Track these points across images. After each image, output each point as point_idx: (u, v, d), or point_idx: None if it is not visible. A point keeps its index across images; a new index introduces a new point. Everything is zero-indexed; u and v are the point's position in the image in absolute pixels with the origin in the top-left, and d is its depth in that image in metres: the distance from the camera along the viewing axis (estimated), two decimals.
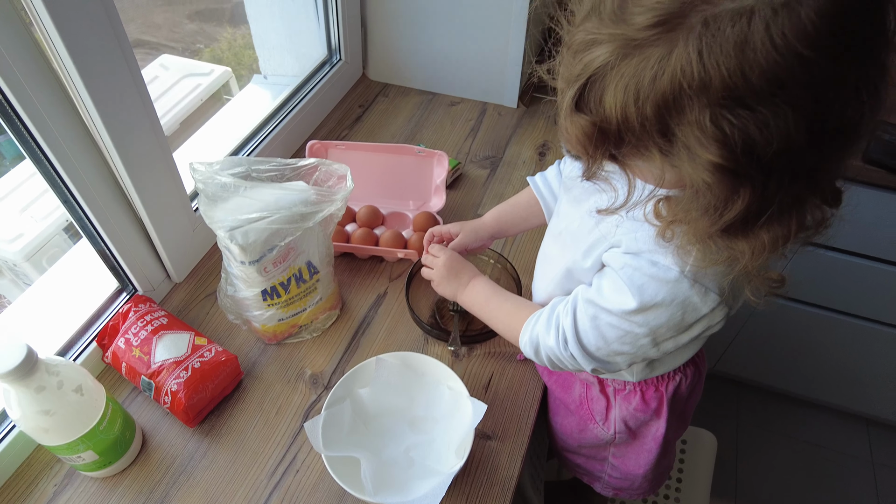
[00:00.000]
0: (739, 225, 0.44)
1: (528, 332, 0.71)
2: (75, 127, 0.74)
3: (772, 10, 0.36)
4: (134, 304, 0.88)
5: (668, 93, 0.40)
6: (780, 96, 0.38)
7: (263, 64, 1.40)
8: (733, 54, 0.37)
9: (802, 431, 1.78)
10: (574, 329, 0.64)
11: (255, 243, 0.76)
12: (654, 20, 0.39)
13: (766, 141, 0.39)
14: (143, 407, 0.85)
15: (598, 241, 0.62)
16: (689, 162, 0.42)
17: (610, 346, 0.62)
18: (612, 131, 0.44)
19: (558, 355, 0.67)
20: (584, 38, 0.43)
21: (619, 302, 0.58)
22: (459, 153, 1.26)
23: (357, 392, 0.80)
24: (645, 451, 0.85)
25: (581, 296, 0.64)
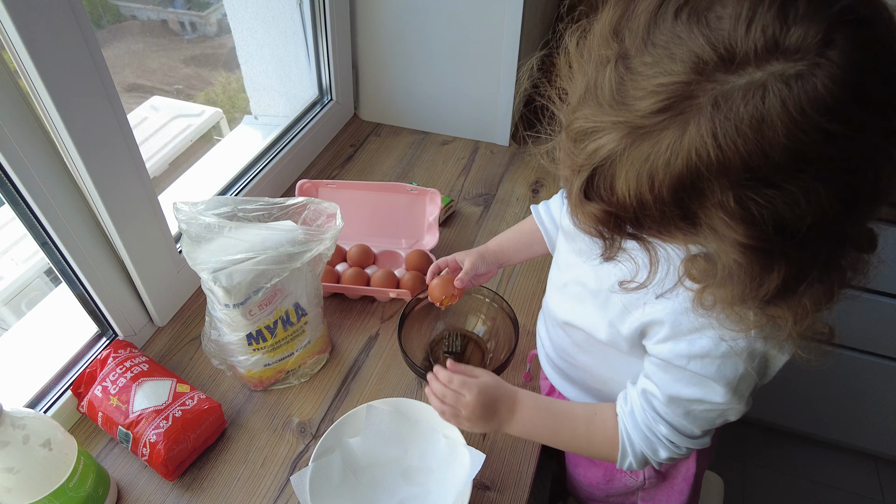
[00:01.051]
0: (778, 295, 0.41)
1: (630, 455, 0.63)
2: (56, 169, 0.72)
3: (785, 83, 0.34)
4: (113, 349, 0.84)
5: (686, 177, 0.37)
6: (807, 172, 0.35)
7: (254, 105, 1.40)
8: (751, 134, 0.35)
9: (810, 471, 1.72)
10: (674, 431, 0.60)
11: (239, 285, 0.73)
12: (660, 105, 0.37)
13: (798, 218, 0.36)
14: (119, 460, 0.80)
15: (630, 305, 0.58)
16: (716, 242, 0.39)
17: (715, 423, 0.59)
18: (628, 216, 0.41)
19: (673, 457, 0.62)
20: (584, 126, 0.41)
21: (704, 395, 0.55)
22: (452, 191, 1.24)
23: (347, 442, 0.76)
24: (676, 493, 0.81)
25: (655, 398, 0.60)
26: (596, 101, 0.40)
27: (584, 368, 0.73)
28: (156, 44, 1.81)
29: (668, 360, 0.56)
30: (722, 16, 0.36)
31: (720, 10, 0.36)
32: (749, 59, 0.35)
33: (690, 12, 0.37)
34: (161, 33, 1.81)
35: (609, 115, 0.39)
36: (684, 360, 0.54)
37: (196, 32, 1.81)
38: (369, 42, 1.33)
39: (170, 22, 1.81)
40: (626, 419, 0.64)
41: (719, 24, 0.36)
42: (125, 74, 1.61)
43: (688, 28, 0.37)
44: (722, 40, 0.35)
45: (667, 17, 0.38)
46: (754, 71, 0.34)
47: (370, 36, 1.32)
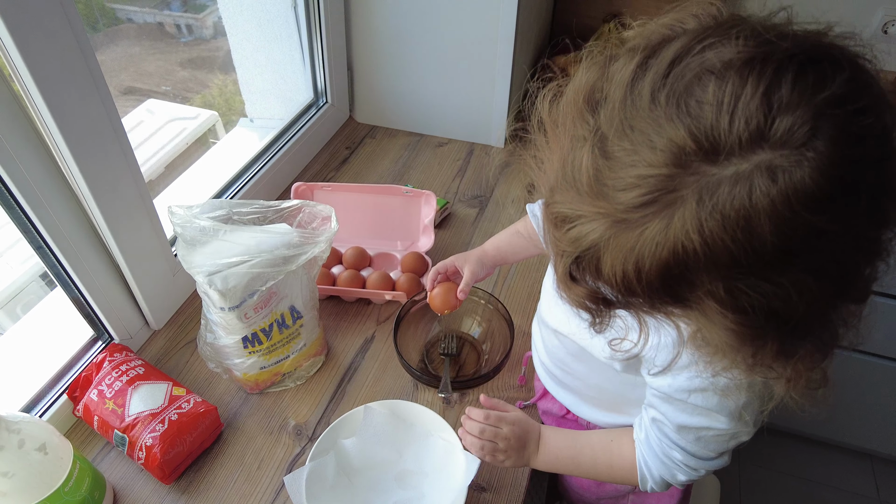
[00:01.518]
0: (772, 360, 0.40)
1: (650, 480, 0.64)
2: (50, 173, 0.72)
3: (771, 177, 0.32)
4: (109, 353, 0.84)
5: (674, 267, 0.36)
6: (796, 266, 0.34)
7: (249, 107, 1.40)
8: (738, 231, 0.33)
9: (806, 470, 1.73)
10: (690, 456, 0.60)
11: (234, 288, 0.73)
12: (642, 200, 0.35)
13: (789, 308, 0.35)
14: (115, 463, 0.80)
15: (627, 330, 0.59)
16: (707, 324, 0.38)
17: (729, 445, 0.59)
18: (616, 299, 0.40)
19: (693, 478, 0.62)
20: (564, 211, 0.39)
21: (710, 423, 0.55)
22: (447, 193, 1.25)
23: (342, 444, 0.76)
24: (666, 497, 0.81)
25: (665, 426, 0.60)
26: (574, 188, 0.39)
27: (579, 377, 0.73)
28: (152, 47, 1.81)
29: (668, 394, 0.55)
30: (703, 101, 0.34)
31: (700, 95, 0.34)
32: (734, 150, 0.33)
33: (669, 95, 0.35)
34: (157, 36, 1.81)
35: (589, 204, 0.38)
36: (685, 394, 0.53)
37: (192, 35, 1.81)
38: (364, 44, 1.33)
39: (166, 25, 1.81)
40: (643, 446, 0.65)
41: (700, 111, 0.34)
42: (122, 78, 1.60)
43: (667, 114, 0.35)
44: (704, 130, 0.33)
45: (643, 97, 0.36)
46: (739, 162, 0.33)
47: (365, 38, 1.32)
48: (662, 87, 0.35)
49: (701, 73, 0.34)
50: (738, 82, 0.33)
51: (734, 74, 0.33)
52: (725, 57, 0.34)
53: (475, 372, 0.91)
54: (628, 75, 0.37)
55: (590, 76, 0.41)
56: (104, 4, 1.49)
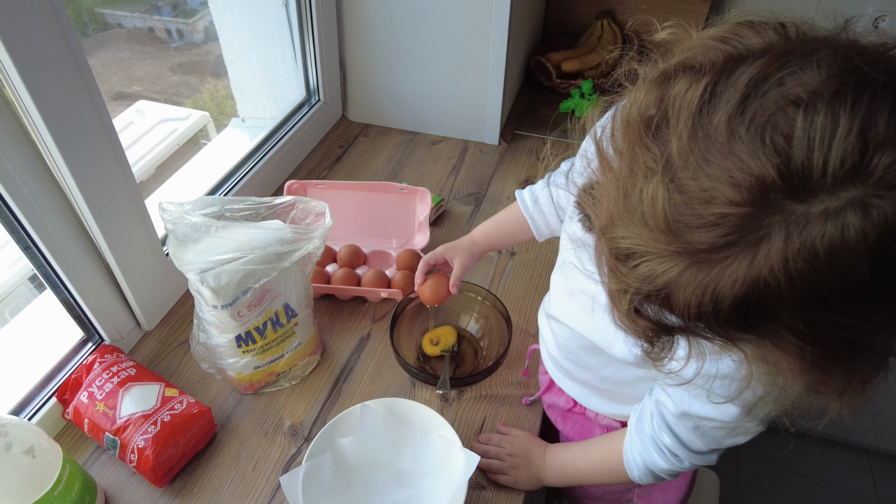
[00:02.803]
0: (832, 384, 0.39)
1: (636, 467, 0.64)
2: (39, 173, 0.71)
3: (863, 214, 0.30)
4: (100, 354, 0.82)
5: (753, 302, 0.34)
6: (886, 300, 0.33)
7: (241, 107, 1.39)
8: (826, 268, 0.31)
9: (805, 466, 1.73)
10: (678, 444, 0.59)
11: (227, 286, 0.72)
12: (724, 241, 0.33)
13: (871, 340, 0.35)
14: (106, 467, 0.78)
15: None
16: (777, 352, 0.37)
17: (723, 443, 0.58)
18: (681, 327, 0.38)
19: (676, 470, 0.62)
20: (632, 247, 0.37)
21: (720, 413, 0.54)
22: (442, 190, 1.24)
23: (339, 443, 0.75)
24: (674, 488, 0.81)
25: (667, 409, 0.59)
26: (643, 222, 0.36)
27: (590, 369, 0.72)
28: (142, 51, 1.79)
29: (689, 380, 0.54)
30: (791, 136, 0.31)
31: (786, 129, 0.31)
32: (825, 187, 0.31)
33: (750, 128, 0.32)
34: (148, 41, 1.80)
35: (662, 242, 0.35)
36: (708, 380, 0.50)
37: (183, 40, 1.79)
38: (356, 42, 1.32)
39: (156, 30, 1.79)
40: (633, 431, 0.64)
41: (789, 147, 0.31)
42: (112, 83, 1.59)
43: (750, 149, 0.32)
44: (794, 168, 0.31)
45: (719, 129, 0.33)
46: (829, 199, 0.31)
47: (357, 36, 1.31)
48: (741, 118, 0.33)
49: (784, 104, 0.32)
50: (830, 116, 0.31)
51: (824, 107, 0.31)
52: (811, 86, 0.32)
53: (473, 369, 0.90)
54: (696, 101, 0.35)
55: (647, 98, 0.38)
56: (93, 9, 1.47)
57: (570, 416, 0.81)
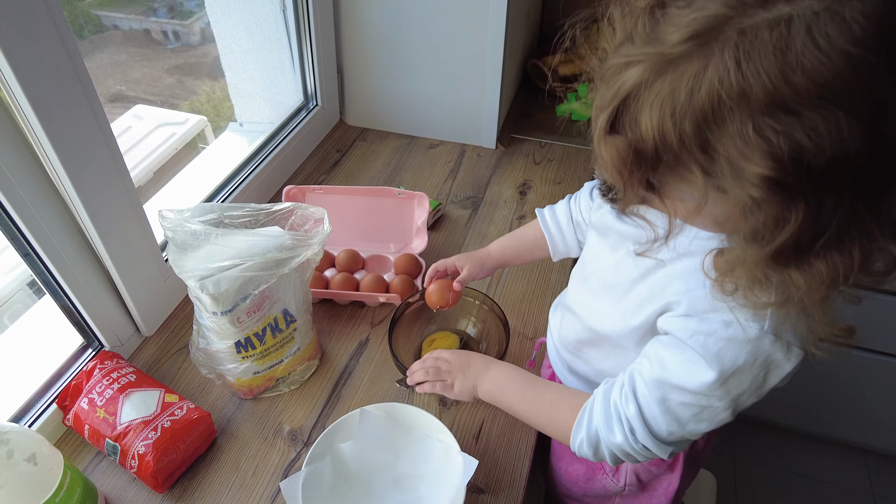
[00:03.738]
0: (792, 250, 0.40)
1: (584, 429, 0.61)
2: (38, 179, 0.71)
3: (812, 13, 0.35)
4: (100, 360, 0.82)
5: (707, 106, 0.38)
6: (827, 98, 0.35)
7: (239, 112, 1.39)
8: (773, 59, 0.35)
9: (801, 466, 1.74)
10: (640, 417, 0.56)
11: (227, 292, 0.72)
12: (688, 34, 0.38)
13: (816, 148, 0.36)
14: (107, 473, 0.78)
15: (648, 298, 0.57)
16: (733, 178, 0.39)
17: (685, 428, 0.56)
18: (649, 152, 0.41)
19: (626, 450, 0.58)
20: (618, 63, 0.42)
21: (693, 376, 0.52)
22: (440, 194, 1.24)
23: (338, 447, 0.75)
24: (659, 496, 0.81)
25: (641, 376, 0.57)
26: (631, 41, 0.42)
27: (590, 362, 0.73)
28: (139, 54, 1.79)
29: (671, 333, 0.54)
30: None
31: None
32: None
33: None
34: (144, 43, 1.79)
35: (641, 48, 0.41)
36: (688, 332, 0.52)
37: (179, 42, 1.79)
38: (354, 47, 1.33)
39: (153, 31, 1.79)
40: (599, 395, 0.62)
41: None
42: (108, 85, 1.59)
43: None
44: None
45: None
46: (784, 6, 0.35)
47: (355, 41, 1.32)
48: None
49: None
50: None
51: None
52: None
53: None
54: None
55: None
56: (90, 11, 1.47)
57: None
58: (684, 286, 0.54)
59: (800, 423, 1.72)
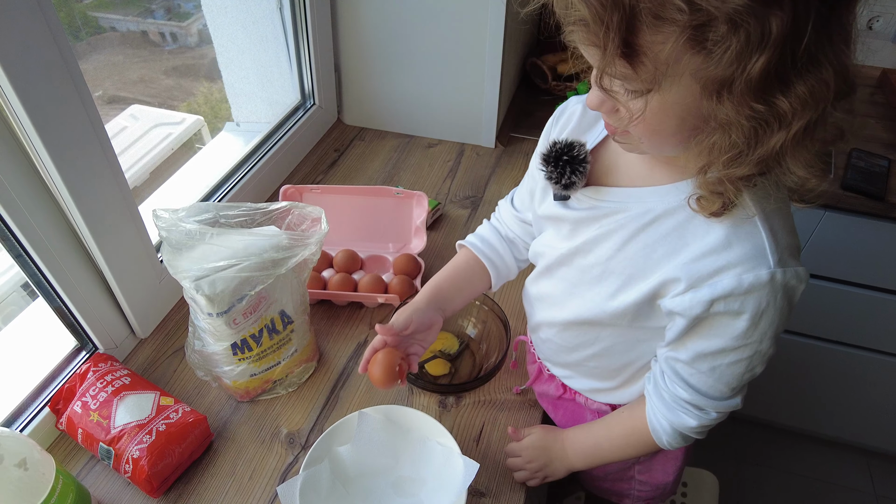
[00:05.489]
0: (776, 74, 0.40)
1: (662, 432, 0.64)
2: (30, 179, 0.70)
3: None
4: (93, 363, 0.81)
5: None
6: None
7: (236, 111, 1.38)
8: None
9: (803, 466, 1.73)
10: (698, 394, 0.59)
11: (222, 293, 0.71)
12: None
13: None
14: (100, 478, 0.77)
15: (634, 275, 0.58)
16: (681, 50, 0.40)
17: (742, 379, 0.58)
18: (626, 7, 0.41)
19: (706, 424, 0.61)
20: None
21: (726, 335, 0.54)
22: (439, 194, 1.23)
23: (337, 451, 0.74)
24: (671, 460, 0.81)
25: (678, 361, 0.59)
26: None
27: (579, 347, 0.71)
28: (136, 55, 1.78)
29: (688, 311, 0.54)
30: None
31: None
32: None
33: None
34: (141, 44, 1.78)
35: None
36: (706, 305, 0.52)
37: (177, 43, 1.78)
38: (351, 45, 1.31)
39: (150, 33, 1.78)
40: (652, 397, 0.64)
41: None
42: (105, 86, 1.58)
43: None
44: None
45: None
46: None
47: (352, 39, 1.30)
48: None
49: None
50: None
51: None
52: None
53: (471, 373, 0.89)
54: None
55: None
56: (87, 13, 1.46)
57: (560, 403, 0.81)
58: (672, 257, 0.54)
59: (801, 424, 1.72)
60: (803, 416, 1.68)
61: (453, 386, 0.87)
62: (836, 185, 1.18)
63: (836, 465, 1.73)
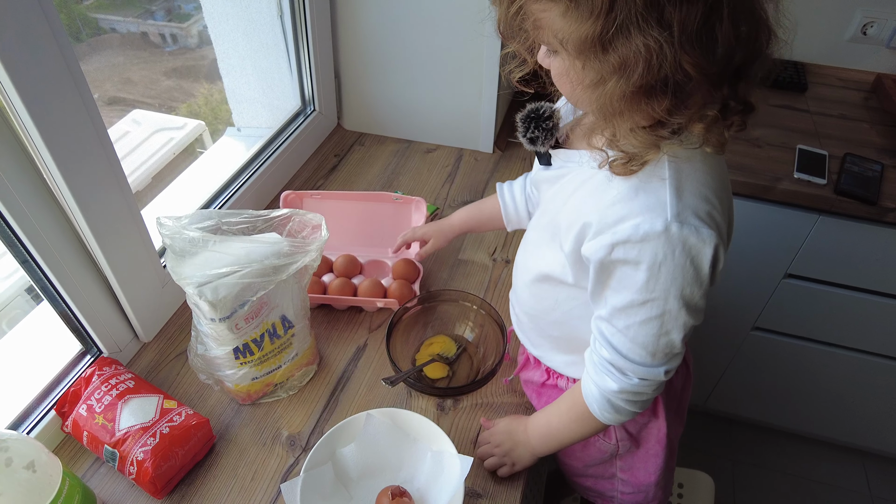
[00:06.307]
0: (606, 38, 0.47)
1: (592, 397, 0.67)
2: (34, 185, 0.71)
3: None
4: (98, 367, 0.83)
5: None
6: None
7: (237, 116, 1.40)
8: None
9: (799, 467, 1.74)
10: (618, 354, 0.62)
11: (225, 299, 0.72)
12: None
13: None
14: (105, 479, 0.78)
15: (571, 223, 0.62)
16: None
17: (658, 343, 0.60)
18: None
19: (629, 389, 0.64)
20: None
21: (630, 286, 0.57)
22: (437, 199, 1.25)
23: (340, 452, 0.76)
24: (652, 457, 0.83)
25: (601, 320, 0.63)
26: None
27: (545, 317, 0.76)
28: (136, 56, 1.79)
29: (594, 255, 0.58)
30: None
31: None
32: None
33: None
34: (141, 46, 1.80)
35: None
36: (608, 248, 0.56)
37: (177, 44, 1.79)
38: (351, 52, 1.33)
39: (150, 34, 1.79)
40: (586, 360, 0.68)
41: None
42: (106, 88, 1.59)
43: None
44: None
45: None
46: None
47: (352, 46, 1.32)
48: None
49: None
50: None
51: None
52: None
53: (468, 377, 0.91)
54: None
55: None
56: (87, 14, 1.47)
57: (543, 390, 0.84)
58: (593, 204, 0.59)
59: (797, 425, 1.73)
60: (798, 418, 1.69)
61: (451, 389, 0.88)
62: (829, 190, 1.19)
63: (832, 466, 1.74)
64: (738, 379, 1.61)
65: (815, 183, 1.20)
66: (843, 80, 1.55)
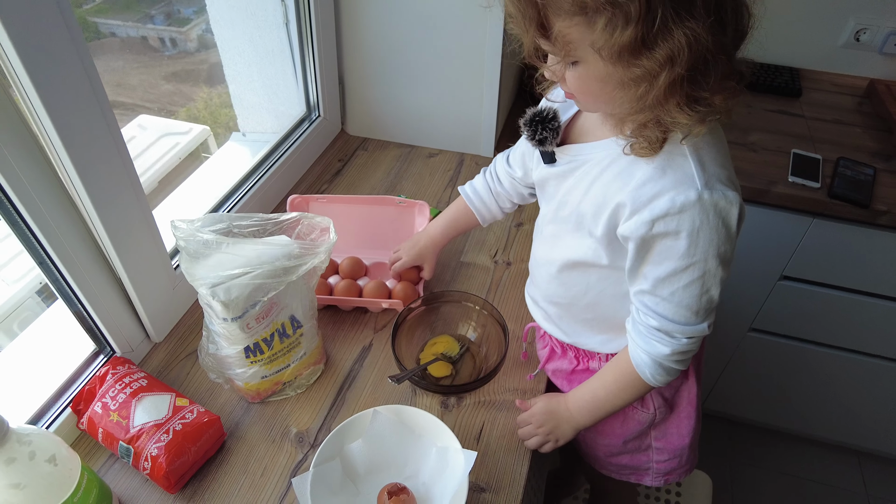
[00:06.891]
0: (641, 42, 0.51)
1: (644, 364, 0.71)
2: (54, 188, 0.74)
3: None
4: (112, 366, 0.85)
5: None
6: None
7: (242, 122, 1.42)
8: None
9: (796, 467, 1.76)
10: (665, 320, 0.67)
11: (237, 299, 0.75)
12: None
13: None
14: (120, 474, 0.81)
15: (600, 207, 0.66)
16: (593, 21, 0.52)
17: (701, 301, 0.65)
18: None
19: (679, 349, 0.68)
20: None
21: (672, 255, 0.62)
22: (440, 202, 1.27)
23: (348, 448, 0.78)
24: (685, 419, 0.87)
25: (643, 293, 0.67)
26: None
27: (574, 301, 0.80)
28: (136, 60, 1.81)
29: (635, 233, 0.63)
30: None
31: None
32: None
33: None
34: (141, 50, 1.81)
35: None
36: (648, 225, 0.61)
37: (176, 48, 1.81)
38: (355, 59, 1.36)
39: (150, 38, 1.81)
40: (631, 333, 0.71)
41: None
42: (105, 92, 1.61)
43: None
44: None
45: None
46: None
47: (356, 53, 1.35)
48: None
49: None
50: None
51: None
52: None
53: (471, 375, 0.93)
54: None
55: None
56: (87, 18, 1.50)
57: (574, 376, 0.87)
58: (619, 187, 0.64)
59: (794, 426, 1.75)
60: (795, 418, 1.71)
61: (455, 387, 0.90)
62: (823, 194, 1.22)
63: (829, 466, 1.76)
64: (736, 380, 1.63)
65: (810, 186, 1.23)
66: (837, 85, 1.58)
